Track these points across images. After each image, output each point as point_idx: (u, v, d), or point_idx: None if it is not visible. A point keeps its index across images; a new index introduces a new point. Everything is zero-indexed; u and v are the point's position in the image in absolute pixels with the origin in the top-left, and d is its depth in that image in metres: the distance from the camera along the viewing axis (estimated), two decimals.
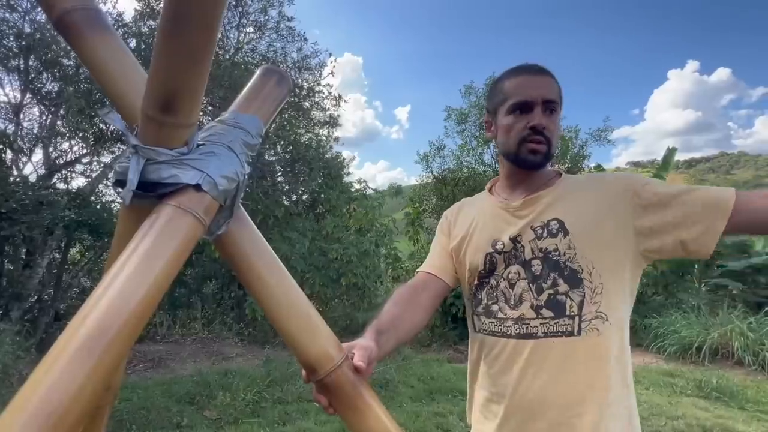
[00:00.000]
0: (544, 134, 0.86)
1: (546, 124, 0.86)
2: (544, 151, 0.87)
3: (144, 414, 3.21)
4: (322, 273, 5.71)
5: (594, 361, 0.80)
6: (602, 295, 0.81)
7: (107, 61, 0.55)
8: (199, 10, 0.42)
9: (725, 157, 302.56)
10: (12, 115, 5.36)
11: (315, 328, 0.61)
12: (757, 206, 0.74)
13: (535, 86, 0.87)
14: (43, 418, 0.36)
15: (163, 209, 0.49)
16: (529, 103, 0.87)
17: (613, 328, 0.81)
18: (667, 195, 0.81)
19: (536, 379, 0.82)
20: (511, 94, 0.89)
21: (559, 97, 0.89)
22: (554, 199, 0.89)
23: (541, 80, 0.88)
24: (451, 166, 9.41)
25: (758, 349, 4.57)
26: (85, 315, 0.41)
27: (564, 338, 0.81)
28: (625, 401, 0.82)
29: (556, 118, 0.89)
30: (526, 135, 0.87)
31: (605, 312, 0.81)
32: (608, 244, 0.83)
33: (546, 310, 0.83)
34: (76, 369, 0.38)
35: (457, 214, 1.05)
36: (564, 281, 0.83)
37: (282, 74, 0.66)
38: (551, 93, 0.87)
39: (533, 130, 0.86)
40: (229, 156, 0.54)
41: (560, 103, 0.90)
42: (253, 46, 6.95)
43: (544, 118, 0.86)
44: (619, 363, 0.82)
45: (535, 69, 0.90)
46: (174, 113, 0.48)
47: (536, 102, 0.86)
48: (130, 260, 0.45)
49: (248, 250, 0.61)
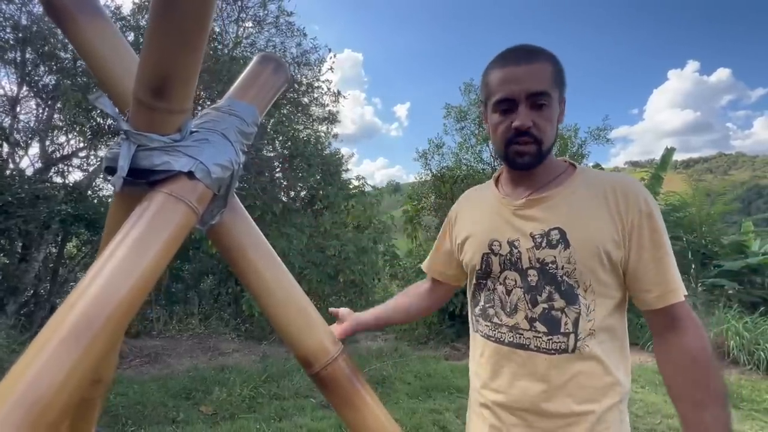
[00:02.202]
0: (530, 133, 0.79)
1: (532, 121, 0.78)
2: (532, 151, 0.80)
3: (140, 409, 3.20)
4: (319, 269, 5.70)
5: (586, 377, 0.79)
6: (596, 312, 0.79)
7: (98, 44, 0.53)
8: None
9: (723, 157, 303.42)
10: (8, 107, 5.32)
11: (311, 321, 0.60)
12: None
13: (518, 79, 0.78)
14: (27, 408, 0.35)
15: (155, 197, 0.47)
16: (511, 100, 0.79)
17: (607, 343, 0.80)
18: (654, 251, 0.80)
19: (528, 389, 0.81)
20: (494, 90, 0.82)
21: (552, 83, 0.79)
22: (560, 202, 0.82)
23: (525, 70, 0.78)
24: (449, 164, 9.40)
25: (754, 348, 4.59)
26: (72, 303, 0.40)
27: (557, 355, 0.80)
28: (616, 413, 0.81)
29: (548, 111, 0.79)
30: (511, 136, 0.80)
31: (599, 328, 0.80)
32: (607, 263, 0.79)
33: (540, 324, 0.81)
34: (63, 357, 0.37)
35: (458, 212, 1.01)
36: (560, 296, 0.80)
37: (279, 62, 0.64)
38: (538, 84, 0.78)
39: (518, 131, 0.79)
40: (223, 144, 0.52)
41: (557, 89, 0.80)
42: (252, 41, 6.91)
43: (529, 116, 0.78)
44: (613, 376, 0.80)
45: (520, 56, 0.80)
46: (166, 98, 0.47)
47: (519, 99, 0.78)
48: (119, 248, 0.44)
49: (243, 242, 0.60)
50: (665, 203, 7.18)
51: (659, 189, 7.30)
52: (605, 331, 0.80)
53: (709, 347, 0.76)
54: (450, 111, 9.70)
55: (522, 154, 0.81)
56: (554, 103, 0.81)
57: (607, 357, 0.80)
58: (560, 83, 0.82)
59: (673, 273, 0.79)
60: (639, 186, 0.83)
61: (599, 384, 0.79)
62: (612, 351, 0.81)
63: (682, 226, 6.74)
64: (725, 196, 7.63)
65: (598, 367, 0.79)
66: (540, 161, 0.83)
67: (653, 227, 0.79)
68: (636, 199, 0.80)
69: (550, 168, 0.87)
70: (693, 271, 6.51)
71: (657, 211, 0.81)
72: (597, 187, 0.82)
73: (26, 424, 0.34)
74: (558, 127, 0.85)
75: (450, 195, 8.80)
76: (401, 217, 8.58)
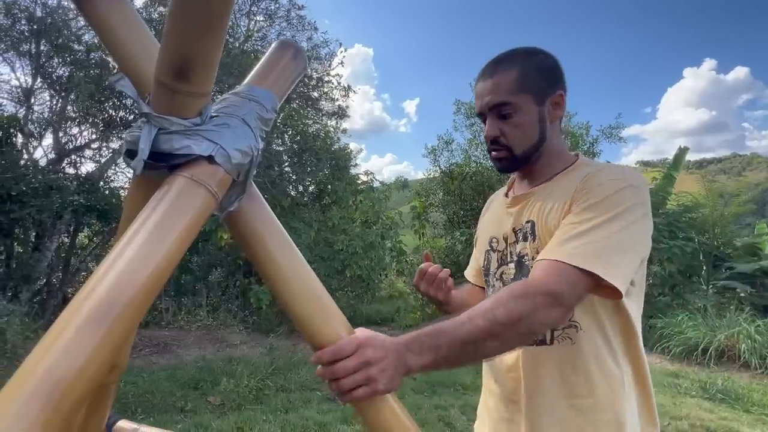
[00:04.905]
0: (499, 142, 0.84)
1: (499, 130, 0.83)
2: (503, 156, 0.85)
3: (149, 398, 3.25)
4: (327, 264, 5.72)
5: (567, 369, 0.78)
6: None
7: (118, 27, 0.53)
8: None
9: (737, 158, 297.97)
10: (23, 98, 5.39)
11: (327, 310, 0.59)
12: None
13: (483, 94, 0.84)
14: (48, 391, 0.34)
15: (175, 180, 0.47)
16: (482, 114, 0.86)
17: (590, 335, 0.77)
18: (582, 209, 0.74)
19: (518, 385, 0.82)
20: (475, 104, 0.89)
21: (515, 90, 0.81)
22: (540, 197, 0.84)
23: (487, 85, 0.83)
24: (458, 161, 9.34)
25: (765, 352, 4.52)
26: (92, 287, 0.40)
27: (535, 347, 0.80)
28: (614, 407, 0.76)
29: (514, 118, 0.82)
30: (488, 146, 0.87)
31: (578, 320, 0.77)
32: None
33: None
34: (84, 342, 0.37)
35: (481, 216, 1.06)
36: None
37: (298, 48, 0.63)
38: (498, 95, 0.82)
39: (490, 141, 0.86)
40: (243, 129, 0.52)
41: (525, 93, 0.81)
42: (263, 35, 6.92)
43: (495, 126, 0.83)
44: (603, 368, 0.77)
45: (486, 71, 0.85)
46: (188, 81, 0.46)
47: (484, 112, 0.85)
48: (140, 232, 0.43)
49: (260, 229, 0.59)
50: (677, 204, 7.06)
51: (671, 189, 7.19)
52: (586, 322, 0.77)
53: (540, 290, 0.65)
54: (460, 107, 9.63)
55: (498, 159, 0.87)
56: (524, 107, 0.82)
57: (589, 348, 0.77)
58: (533, 85, 0.82)
59: (576, 241, 0.69)
60: (615, 171, 0.78)
61: (581, 375, 0.77)
62: (596, 341, 0.77)
63: (695, 227, 6.63)
64: (739, 197, 7.48)
65: (580, 359, 0.77)
66: (518, 163, 0.86)
67: (586, 198, 0.74)
68: (594, 177, 0.77)
69: (553, 164, 0.87)
70: (704, 273, 6.42)
71: (612, 188, 0.74)
72: (578, 177, 0.80)
73: (47, 410, 0.34)
74: (546, 124, 0.84)
75: (458, 191, 8.76)
76: (409, 213, 8.57)
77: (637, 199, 0.74)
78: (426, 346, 0.60)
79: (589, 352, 0.77)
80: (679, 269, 6.15)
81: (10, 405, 0.33)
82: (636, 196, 0.74)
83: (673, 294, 6.15)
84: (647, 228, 0.75)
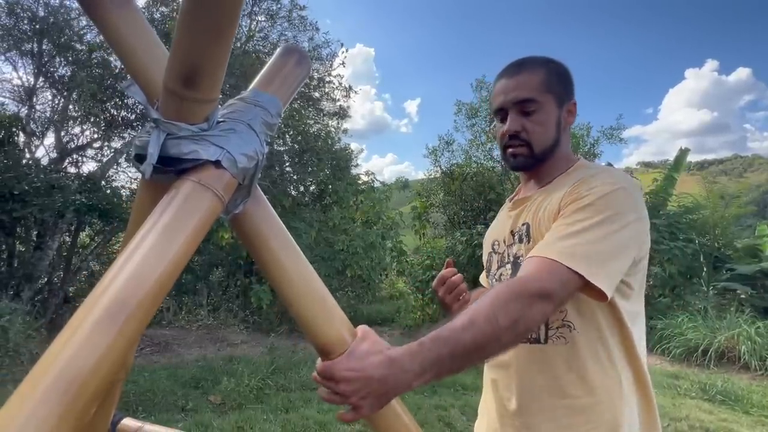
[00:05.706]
0: (520, 137, 0.85)
1: (521, 126, 0.84)
2: (524, 153, 0.86)
3: (150, 396, 3.26)
4: (327, 264, 5.73)
5: (562, 369, 0.78)
6: (569, 303, 0.77)
7: (127, 34, 0.54)
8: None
9: (738, 159, 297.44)
10: (25, 98, 5.41)
11: (330, 311, 0.60)
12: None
13: (507, 90, 0.86)
14: (64, 388, 0.36)
15: (183, 184, 0.48)
16: (503, 109, 0.87)
17: (584, 336, 0.78)
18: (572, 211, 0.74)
19: (512, 382, 0.83)
20: (492, 101, 0.90)
21: (541, 90, 0.84)
22: (538, 199, 0.86)
23: (514, 81, 0.85)
24: (459, 161, 9.36)
25: (765, 354, 4.53)
26: (105, 286, 0.41)
27: (530, 345, 0.81)
28: (610, 408, 0.76)
29: (538, 116, 0.84)
30: (506, 142, 0.87)
31: (572, 321, 0.78)
32: None
33: None
34: (98, 339, 0.38)
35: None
36: None
37: (302, 54, 0.65)
38: (524, 92, 0.84)
39: (510, 136, 0.86)
40: (249, 134, 0.53)
41: (549, 93, 0.84)
42: (264, 35, 6.94)
43: (518, 122, 0.85)
44: (599, 368, 0.77)
45: (512, 69, 0.88)
46: (196, 88, 0.47)
47: (508, 107, 0.86)
48: (149, 234, 0.45)
49: (265, 231, 0.60)
50: (678, 205, 7.06)
51: (672, 190, 7.19)
52: (580, 323, 0.78)
53: (535, 288, 0.65)
54: (461, 108, 9.65)
55: (515, 155, 0.87)
56: (546, 107, 0.85)
57: (583, 348, 0.77)
58: (555, 88, 0.85)
59: (567, 241, 0.70)
60: (608, 174, 0.79)
61: (576, 375, 0.78)
62: (592, 341, 0.78)
63: (695, 229, 6.64)
64: (740, 198, 7.48)
65: (574, 359, 0.78)
66: (534, 162, 0.87)
67: (577, 199, 0.75)
68: (588, 180, 0.77)
69: (555, 167, 0.89)
70: (705, 274, 6.42)
71: (605, 191, 0.74)
72: (573, 179, 0.81)
73: (61, 407, 0.35)
74: (561, 128, 0.87)
75: (459, 192, 8.77)
76: (409, 214, 8.58)
77: (630, 201, 0.75)
78: (428, 360, 0.58)
79: (583, 352, 0.78)
80: (679, 270, 6.15)
81: (28, 400, 0.35)
82: (628, 199, 0.75)
83: (674, 295, 6.16)
84: (639, 231, 0.76)
